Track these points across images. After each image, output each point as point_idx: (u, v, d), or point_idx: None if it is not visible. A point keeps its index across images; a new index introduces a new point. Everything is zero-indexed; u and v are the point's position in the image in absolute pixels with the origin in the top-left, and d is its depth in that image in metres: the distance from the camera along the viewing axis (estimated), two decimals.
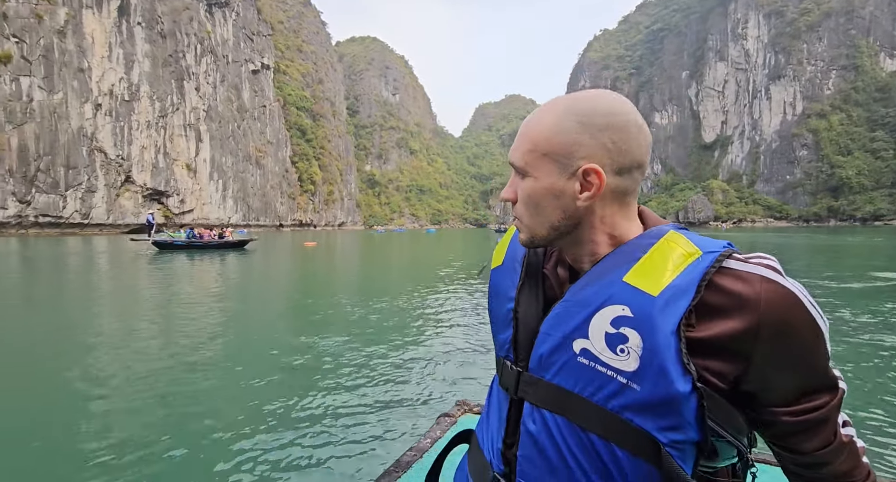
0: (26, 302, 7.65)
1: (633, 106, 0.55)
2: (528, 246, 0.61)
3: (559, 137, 0.54)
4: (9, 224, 52.89)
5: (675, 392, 0.48)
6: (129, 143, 67.56)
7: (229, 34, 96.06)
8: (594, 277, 0.56)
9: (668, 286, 0.50)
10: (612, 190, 0.55)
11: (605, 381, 0.52)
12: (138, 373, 3.86)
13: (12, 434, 2.86)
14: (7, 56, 53.55)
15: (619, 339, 0.51)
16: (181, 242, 20.53)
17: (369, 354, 4.32)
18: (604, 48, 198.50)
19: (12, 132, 53.59)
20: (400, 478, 1.11)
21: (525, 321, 0.62)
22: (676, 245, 0.53)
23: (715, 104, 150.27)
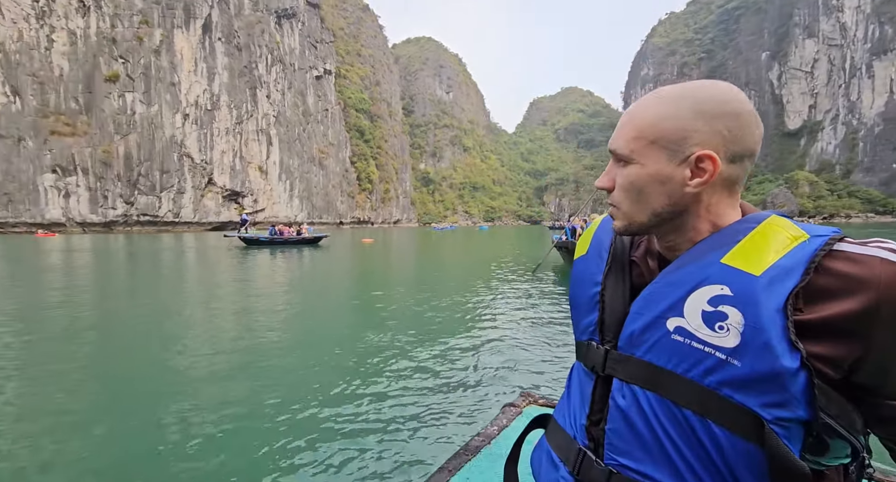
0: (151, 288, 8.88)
1: (745, 96, 0.55)
2: (623, 233, 0.61)
3: (670, 124, 0.54)
4: (117, 222, 60.64)
5: (781, 367, 0.46)
6: (212, 148, 74.48)
7: (296, 43, 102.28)
8: (689, 259, 0.57)
9: (773, 266, 0.49)
10: (723, 178, 0.55)
11: (701, 357, 0.52)
12: (225, 348, 4.36)
13: (113, 401, 3.28)
14: (115, 75, 61.28)
15: (717, 317, 0.51)
16: (265, 238, 22.52)
17: (430, 345, 4.45)
18: (670, 32, 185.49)
19: (119, 142, 61.32)
20: (469, 462, 1.14)
21: (612, 304, 0.64)
22: (780, 228, 0.52)
23: (801, 86, 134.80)
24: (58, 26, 58.83)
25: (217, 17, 75.00)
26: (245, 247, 21.84)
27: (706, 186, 0.55)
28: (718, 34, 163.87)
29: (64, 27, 59.26)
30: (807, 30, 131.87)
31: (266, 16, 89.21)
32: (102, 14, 62.11)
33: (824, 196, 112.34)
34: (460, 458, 1.16)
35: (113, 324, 5.63)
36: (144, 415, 2.91)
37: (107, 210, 59.54)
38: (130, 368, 3.91)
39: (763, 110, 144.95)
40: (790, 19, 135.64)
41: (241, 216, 25.01)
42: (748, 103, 0.54)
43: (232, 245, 23.62)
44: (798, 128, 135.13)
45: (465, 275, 10.70)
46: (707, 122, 0.53)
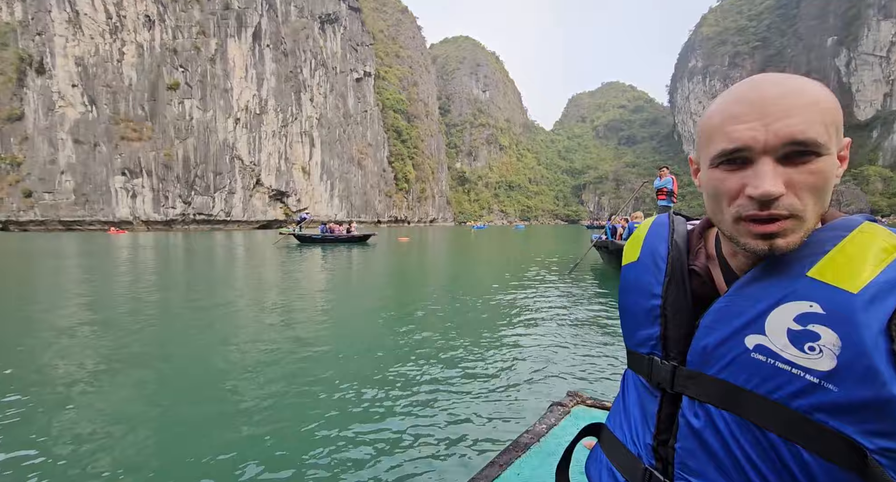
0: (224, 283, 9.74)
1: None
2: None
3: (838, 108, 0.49)
4: (176, 221, 65.44)
5: (889, 394, 0.42)
6: (259, 150, 78.57)
7: (337, 47, 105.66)
8: (767, 271, 0.51)
9: (872, 282, 0.44)
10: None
11: (788, 379, 0.47)
12: (279, 341, 4.55)
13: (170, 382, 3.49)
14: (176, 84, 66.08)
15: (807, 337, 0.46)
16: (317, 236, 23.57)
17: (471, 344, 4.52)
18: (721, 21, 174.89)
19: (179, 146, 66.11)
20: (520, 458, 1.15)
21: (676, 318, 0.59)
22: (875, 237, 0.46)
23: (874, 73, 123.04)
24: (128, 40, 64.22)
25: (266, 24, 78.91)
26: (298, 244, 22.95)
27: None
28: (776, 20, 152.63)
29: (133, 40, 64.59)
30: (882, 10, 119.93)
31: (310, 21, 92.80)
32: (166, 26, 67.14)
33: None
34: (510, 454, 1.17)
35: (189, 315, 6.12)
36: (192, 408, 3.00)
37: (168, 209, 64.40)
38: (191, 357, 4.13)
39: None
40: (861, 0, 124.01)
41: (302, 215, 26.44)
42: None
43: (287, 242, 24.82)
44: (870, 118, 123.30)
45: (503, 274, 10.61)
46: (840, 110, 0.50)
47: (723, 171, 0.51)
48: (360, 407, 2.97)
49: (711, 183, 0.52)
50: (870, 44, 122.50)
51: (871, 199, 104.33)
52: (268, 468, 2.25)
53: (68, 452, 2.41)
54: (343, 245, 22.59)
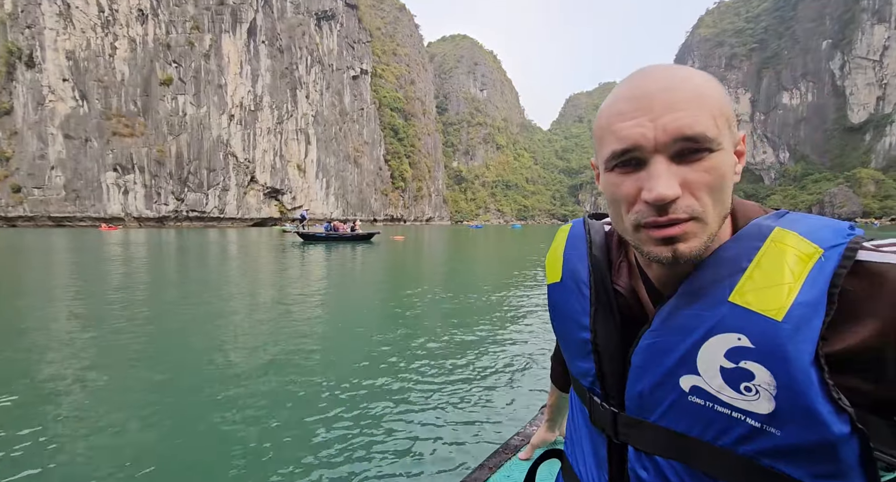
0: (231, 280, 9.49)
1: None
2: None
3: (728, 101, 0.45)
4: (169, 217, 64.79)
5: (829, 435, 0.39)
6: (254, 147, 77.91)
7: (334, 44, 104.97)
8: (689, 296, 0.47)
9: (794, 304, 0.40)
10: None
11: (731, 424, 0.43)
12: (275, 339, 4.54)
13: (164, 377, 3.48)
14: (169, 79, 65.34)
15: (741, 376, 0.42)
16: (321, 234, 23.40)
17: (466, 346, 4.48)
18: (718, 23, 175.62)
19: (172, 142, 65.42)
20: (509, 461, 1.15)
21: (607, 352, 0.54)
22: (787, 246, 0.43)
23: (868, 77, 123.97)
24: (120, 34, 63.39)
25: (261, 20, 78.20)
26: (303, 242, 22.80)
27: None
28: (773, 22, 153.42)
29: (126, 35, 63.77)
30: (876, 14, 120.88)
31: (307, 18, 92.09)
32: (159, 21, 66.35)
33: (893, 195, 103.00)
34: (500, 457, 1.16)
35: (185, 311, 6.02)
36: (187, 405, 3.02)
37: (160, 206, 63.73)
38: (190, 353, 4.14)
39: (821, 103, 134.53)
40: (856, 4, 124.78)
41: (302, 213, 26.28)
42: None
43: (289, 240, 24.75)
44: (863, 122, 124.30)
45: (499, 274, 10.66)
46: (730, 102, 0.46)
47: (618, 174, 0.47)
48: (351, 408, 2.98)
49: (608, 188, 0.48)
50: (863, 47, 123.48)
51: (863, 202, 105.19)
52: (258, 468, 2.27)
53: (52, 449, 2.43)
54: (347, 243, 22.49)
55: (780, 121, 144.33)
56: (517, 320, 5.66)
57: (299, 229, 24.20)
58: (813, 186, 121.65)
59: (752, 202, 0.50)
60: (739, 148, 0.47)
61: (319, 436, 2.59)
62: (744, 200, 0.51)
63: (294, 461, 2.33)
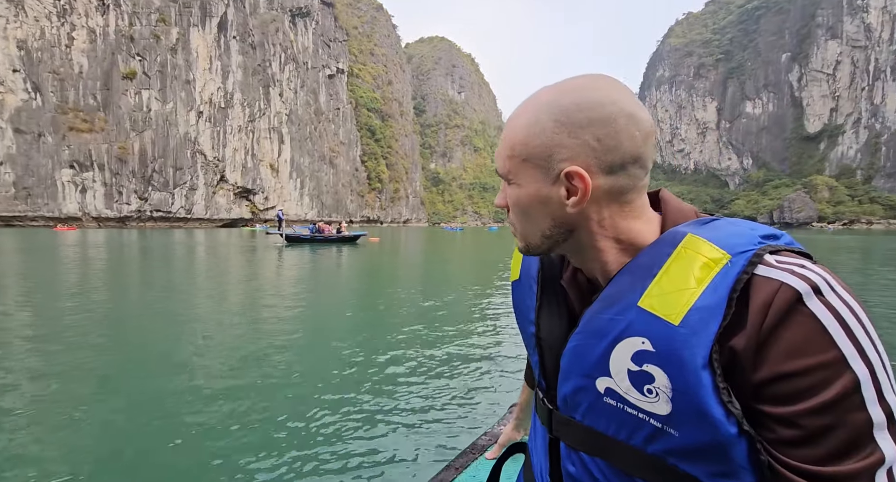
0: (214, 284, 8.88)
1: (627, 92, 0.48)
2: (525, 253, 0.56)
3: (536, 140, 0.48)
4: (131, 217, 61.77)
5: (720, 436, 0.41)
6: (224, 145, 75.38)
7: (309, 42, 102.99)
8: (608, 300, 0.49)
9: (692, 309, 0.42)
10: (605, 191, 0.48)
11: (638, 425, 0.46)
12: (241, 346, 4.40)
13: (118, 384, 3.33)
14: (133, 73, 62.40)
15: (644, 378, 0.44)
16: (306, 236, 22.80)
17: (438, 347, 4.48)
18: (687, 33, 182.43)
19: (135, 138, 62.44)
20: (476, 461, 1.16)
21: (549, 347, 0.58)
22: (696, 253, 0.45)
23: (823, 89, 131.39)
24: (78, 24, 60.07)
25: (232, 15, 75.85)
26: (286, 244, 22.04)
27: (585, 204, 0.48)
28: (737, 35, 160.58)
29: (84, 25, 60.49)
30: (830, 31, 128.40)
31: (281, 14, 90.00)
32: (121, 12, 63.28)
33: (844, 201, 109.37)
34: (467, 457, 1.16)
35: (150, 315, 5.71)
36: (156, 409, 2.95)
37: (121, 205, 60.68)
38: (168, 356, 4.04)
39: (781, 113, 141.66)
40: (812, 20, 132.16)
41: (278, 213, 25.40)
42: (624, 102, 0.47)
43: (271, 241, 24.04)
44: (818, 131, 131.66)
45: (472, 275, 10.71)
46: (571, 134, 0.46)
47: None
48: (317, 411, 2.93)
49: None
50: (819, 61, 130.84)
51: (818, 207, 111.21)
52: (213, 473, 2.26)
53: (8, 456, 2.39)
54: (333, 245, 21.99)
55: (744, 129, 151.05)
56: (488, 321, 5.65)
57: (273, 230, 23.44)
58: (773, 192, 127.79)
59: (690, 207, 0.52)
60: (573, 184, 0.48)
61: (282, 439, 2.54)
62: (683, 205, 0.52)
63: (255, 463, 2.29)
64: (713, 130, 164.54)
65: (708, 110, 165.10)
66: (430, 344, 4.57)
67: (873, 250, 20.11)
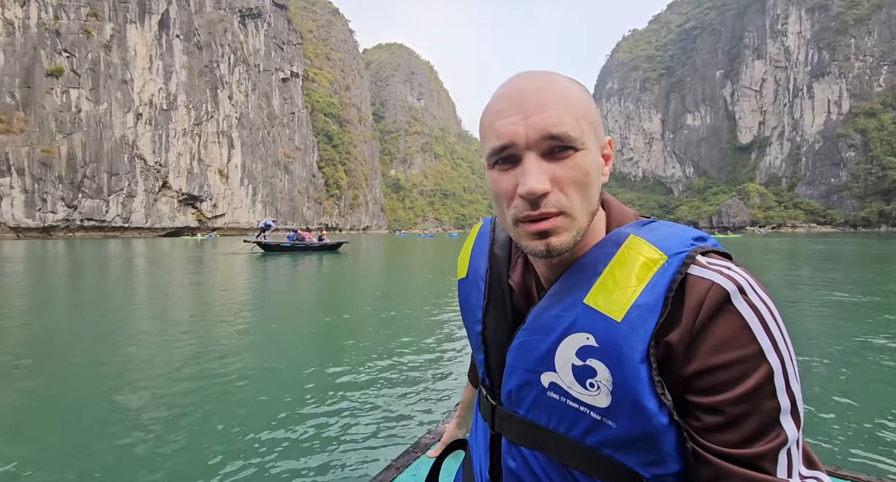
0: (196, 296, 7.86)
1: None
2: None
3: (592, 107, 0.49)
4: (58, 227, 56.35)
5: (652, 427, 0.44)
6: (167, 150, 70.89)
7: (261, 44, 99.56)
8: (555, 298, 0.51)
9: (633, 306, 0.45)
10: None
11: (578, 417, 0.48)
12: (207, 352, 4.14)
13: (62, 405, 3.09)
14: (59, 70, 57.33)
15: (587, 372, 0.46)
16: (286, 244, 21.77)
17: (391, 348, 4.55)
18: (633, 49, 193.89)
19: (62, 141, 57.22)
20: (418, 459, 1.15)
21: (494, 346, 0.59)
22: (637, 253, 0.47)
23: (752, 104, 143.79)
24: None
25: (175, 13, 71.90)
26: (263, 253, 20.75)
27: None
28: (677, 52, 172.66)
29: (0, 16, 55.00)
30: (756, 51, 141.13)
31: (229, 14, 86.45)
32: (44, 4, 58.15)
33: (773, 207, 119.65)
34: (409, 456, 1.15)
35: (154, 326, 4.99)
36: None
37: (45, 214, 55.25)
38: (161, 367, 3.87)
39: (718, 125, 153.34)
40: (741, 41, 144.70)
41: (267, 222, 23.87)
42: None
43: (250, 250, 22.81)
44: (749, 142, 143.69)
45: (434, 281, 10.74)
46: (596, 109, 0.50)
47: (498, 171, 0.49)
48: (258, 414, 2.91)
49: (491, 185, 0.50)
50: (747, 79, 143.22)
51: (751, 212, 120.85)
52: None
53: None
54: (314, 253, 20.96)
55: (685, 139, 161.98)
56: (435, 322, 5.72)
57: (262, 239, 21.98)
58: (713, 198, 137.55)
59: (631, 210, 0.55)
60: (606, 152, 0.51)
61: (222, 441, 2.52)
62: (624, 208, 0.55)
63: (188, 466, 2.29)
64: (658, 140, 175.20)
65: (653, 121, 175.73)
66: (383, 348, 4.58)
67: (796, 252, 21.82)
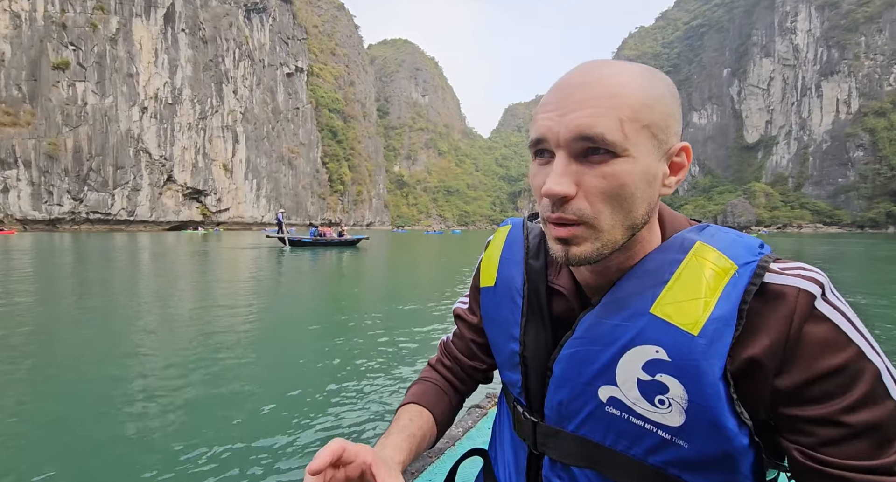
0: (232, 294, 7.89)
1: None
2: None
3: (659, 106, 0.42)
4: (63, 220, 56.72)
5: (732, 448, 0.41)
6: (172, 144, 71.08)
7: (266, 39, 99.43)
8: (613, 306, 0.47)
9: (710, 319, 0.41)
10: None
11: (642, 435, 0.44)
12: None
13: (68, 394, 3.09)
14: (65, 63, 57.52)
15: (656, 388, 0.42)
16: (307, 240, 21.92)
17: (409, 346, 4.50)
18: (639, 46, 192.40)
19: (68, 134, 57.49)
20: (433, 463, 1.13)
21: (535, 364, 0.54)
22: (706, 260, 0.43)
23: (759, 103, 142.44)
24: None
25: (181, 7, 71.90)
26: (283, 248, 20.92)
27: (679, 183, 0.46)
28: (684, 50, 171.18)
29: (7, 9, 55.15)
30: (764, 49, 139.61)
31: (234, 9, 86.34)
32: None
33: (779, 207, 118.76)
34: (424, 460, 1.14)
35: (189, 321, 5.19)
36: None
37: (51, 206, 55.61)
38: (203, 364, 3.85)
39: (724, 124, 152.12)
40: (749, 39, 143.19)
41: (278, 215, 24.11)
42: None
43: (271, 244, 23.00)
44: (756, 141, 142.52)
45: (435, 278, 10.77)
46: (677, 110, 0.44)
47: (538, 164, 0.46)
48: (276, 411, 2.87)
49: (531, 176, 0.47)
50: (755, 77, 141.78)
51: (757, 212, 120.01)
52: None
53: None
54: (335, 249, 21.20)
55: (692, 138, 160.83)
56: (447, 325, 5.64)
57: (280, 234, 22.21)
58: (718, 197, 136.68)
59: (682, 215, 0.51)
60: (677, 160, 0.45)
61: (229, 437, 2.49)
62: (675, 212, 0.51)
63: (190, 459, 2.27)
64: None
65: None
66: (401, 346, 4.52)
67: (802, 252, 21.67)
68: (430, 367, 0.73)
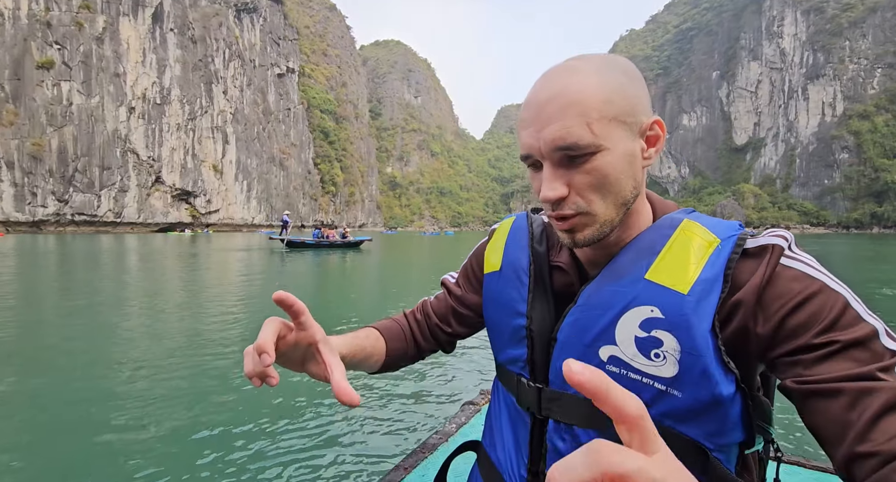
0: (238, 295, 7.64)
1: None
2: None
3: (619, 95, 0.48)
4: (48, 221, 55.61)
5: (720, 395, 0.45)
6: (160, 144, 70.10)
7: (256, 39, 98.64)
8: (611, 276, 0.53)
9: (697, 281, 0.47)
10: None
11: (640, 389, 0.48)
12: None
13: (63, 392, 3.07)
14: (49, 62, 56.48)
15: (651, 343, 0.48)
16: (311, 242, 21.82)
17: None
18: (630, 48, 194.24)
19: (53, 134, 56.41)
20: (426, 459, 1.14)
21: (540, 335, 0.59)
22: (694, 234, 0.50)
23: (747, 105, 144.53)
24: None
25: (169, 6, 71.05)
26: (288, 250, 20.73)
27: (658, 153, 0.52)
28: (674, 53, 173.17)
29: None
30: (751, 53, 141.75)
31: (224, 8, 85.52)
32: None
33: (767, 207, 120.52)
34: (417, 456, 1.15)
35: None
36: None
37: (35, 208, 54.48)
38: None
39: (713, 126, 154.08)
40: (737, 42, 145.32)
41: (283, 218, 23.78)
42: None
43: (272, 246, 22.80)
44: (744, 143, 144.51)
45: (429, 276, 10.71)
46: (639, 87, 0.50)
47: (532, 172, 0.53)
48: (266, 411, 2.87)
49: (530, 182, 0.54)
50: (743, 80, 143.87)
51: (746, 212, 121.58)
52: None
53: None
54: (338, 250, 20.99)
55: (682, 140, 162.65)
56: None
57: (282, 236, 21.90)
58: (708, 198, 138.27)
59: (671, 201, 0.58)
60: (652, 133, 0.51)
61: (225, 439, 2.49)
62: (665, 200, 0.58)
63: (189, 462, 2.27)
64: None
65: None
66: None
67: None
68: (403, 315, 0.78)
